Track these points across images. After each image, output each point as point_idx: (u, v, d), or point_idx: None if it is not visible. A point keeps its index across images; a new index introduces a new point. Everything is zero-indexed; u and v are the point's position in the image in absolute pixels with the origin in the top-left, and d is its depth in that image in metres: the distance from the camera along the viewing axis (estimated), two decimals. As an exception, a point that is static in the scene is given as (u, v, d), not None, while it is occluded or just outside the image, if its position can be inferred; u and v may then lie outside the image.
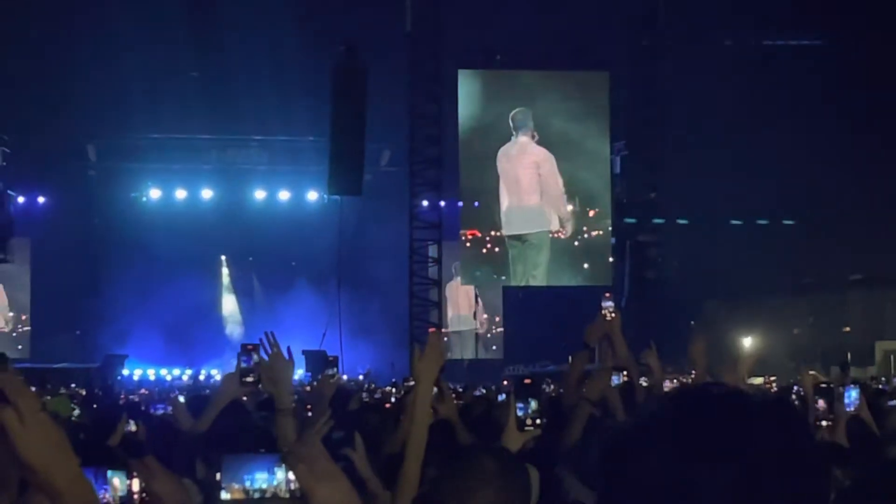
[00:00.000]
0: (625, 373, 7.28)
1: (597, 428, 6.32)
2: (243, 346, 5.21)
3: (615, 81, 32.80)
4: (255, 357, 5.15)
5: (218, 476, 2.87)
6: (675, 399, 1.66)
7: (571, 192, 32.15)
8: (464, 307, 37.53)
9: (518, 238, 31.85)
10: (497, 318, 38.88)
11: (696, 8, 32.88)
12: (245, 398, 6.49)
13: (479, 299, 37.42)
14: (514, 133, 31.77)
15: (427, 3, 31.47)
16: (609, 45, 33.26)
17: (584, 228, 32.38)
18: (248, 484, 2.89)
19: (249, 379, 5.18)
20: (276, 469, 2.88)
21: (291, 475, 2.84)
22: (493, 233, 31.93)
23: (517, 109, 31.86)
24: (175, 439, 6.10)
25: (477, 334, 37.58)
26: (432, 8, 31.37)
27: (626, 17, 33.69)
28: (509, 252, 31.88)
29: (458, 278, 34.56)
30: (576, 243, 32.27)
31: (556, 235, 31.97)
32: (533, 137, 31.83)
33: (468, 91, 32.07)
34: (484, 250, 32.15)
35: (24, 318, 38.26)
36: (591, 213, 32.53)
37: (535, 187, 31.90)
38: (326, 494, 2.83)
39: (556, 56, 32.53)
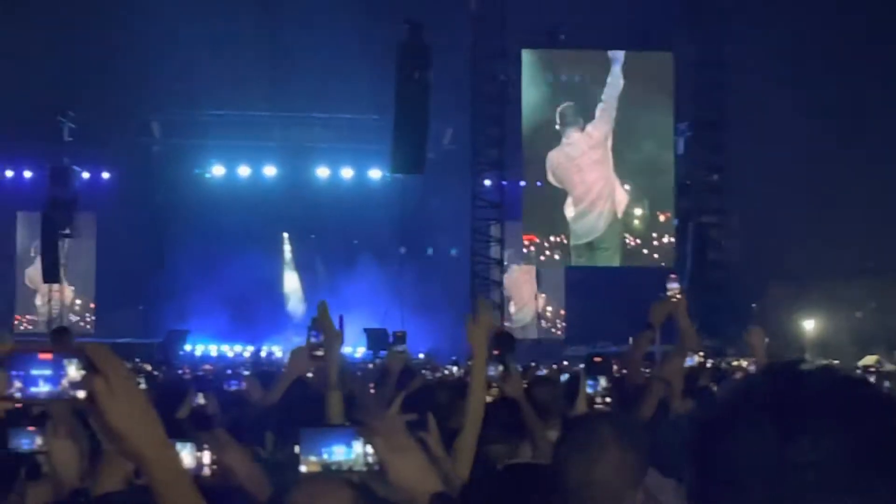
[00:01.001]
0: (700, 354, 7.22)
1: (665, 408, 6.28)
2: (314, 320, 5.23)
3: (679, 61, 32.56)
4: None
5: (297, 449, 2.88)
6: (767, 375, 1.64)
7: (638, 190, 32.02)
8: (526, 292, 37.43)
9: (588, 246, 31.77)
10: (561, 311, 38.70)
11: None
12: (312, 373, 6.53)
13: (541, 281, 37.36)
14: (563, 131, 31.61)
15: (491, -19, 31.38)
16: (673, 25, 32.97)
17: (654, 235, 32.23)
18: (325, 457, 2.90)
19: (319, 353, 5.21)
20: (353, 442, 2.89)
21: (369, 449, 2.85)
22: (552, 238, 31.79)
23: (564, 105, 31.67)
24: (244, 413, 6.15)
25: (538, 315, 37.53)
26: (497, -14, 31.26)
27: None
28: (574, 260, 31.98)
29: (516, 266, 34.65)
30: (644, 251, 32.09)
31: (629, 241, 31.89)
32: (582, 130, 31.69)
33: (532, 70, 31.95)
34: (542, 257, 32.21)
35: (91, 304, 38.73)
36: (662, 218, 32.31)
37: (604, 186, 31.71)
38: (403, 468, 2.84)
39: (620, 35, 32.31)
